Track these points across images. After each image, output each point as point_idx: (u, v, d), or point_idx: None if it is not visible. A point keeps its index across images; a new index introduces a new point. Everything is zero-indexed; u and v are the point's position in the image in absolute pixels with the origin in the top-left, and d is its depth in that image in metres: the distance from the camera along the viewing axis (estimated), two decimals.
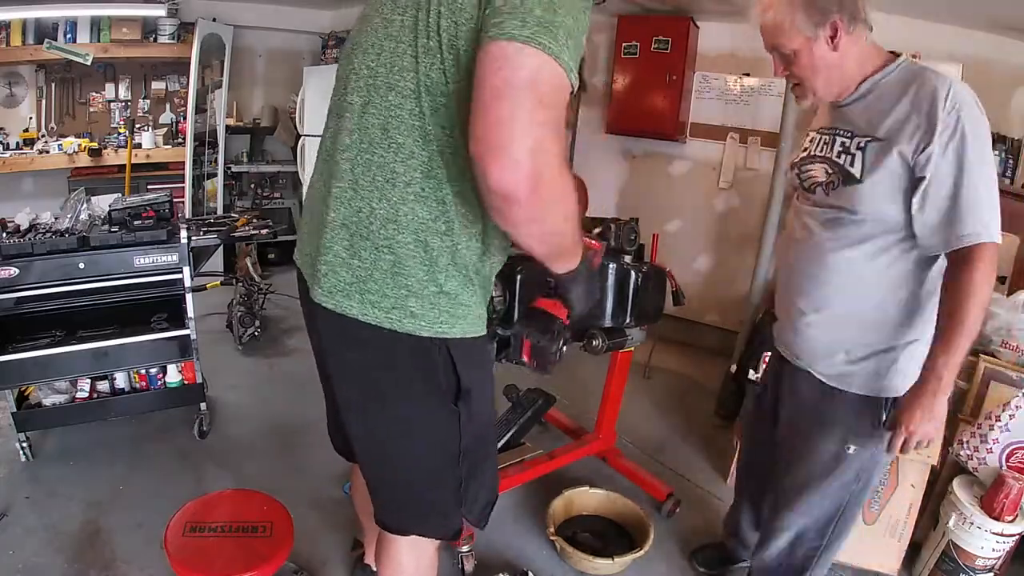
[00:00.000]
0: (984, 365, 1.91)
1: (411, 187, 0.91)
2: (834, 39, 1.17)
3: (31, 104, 4.19)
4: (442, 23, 0.84)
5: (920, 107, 1.13)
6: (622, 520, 2.00)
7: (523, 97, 0.74)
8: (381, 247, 0.93)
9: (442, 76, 0.86)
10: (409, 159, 0.90)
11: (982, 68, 2.77)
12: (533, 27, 0.75)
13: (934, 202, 1.12)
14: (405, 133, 0.90)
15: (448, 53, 0.85)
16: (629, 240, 1.71)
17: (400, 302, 0.94)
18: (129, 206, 2.19)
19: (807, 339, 1.36)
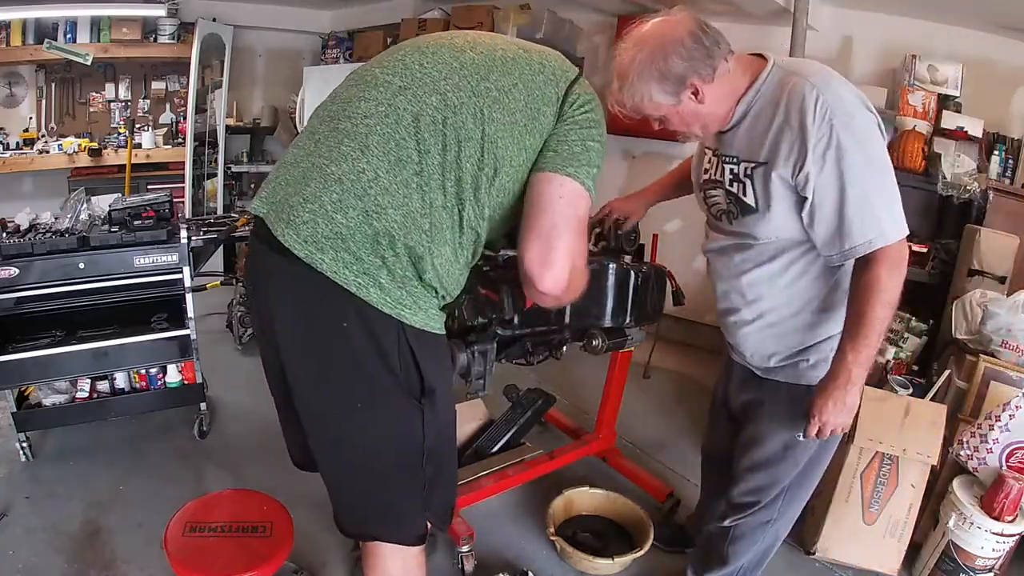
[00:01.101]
0: (984, 365, 1.91)
1: (420, 176, 0.97)
2: (697, 95, 1.17)
3: (31, 104, 4.19)
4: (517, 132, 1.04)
5: (791, 122, 1.12)
6: (622, 520, 2.00)
7: (572, 228, 1.02)
8: (371, 212, 0.95)
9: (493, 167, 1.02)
10: (427, 156, 0.98)
11: (982, 68, 2.78)
12: (580, 166, 1.04)
13: (821, 218, 1.14)
14: (436, 135, 0.98)
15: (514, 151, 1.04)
16: (629, 240, 1.71)
17: (372, 270, 0.96)
18: (129, 206, 2.19)
19: (741, 341, 1.42)
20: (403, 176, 0.97)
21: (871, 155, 1.11)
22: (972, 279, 2.32)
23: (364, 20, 4.62)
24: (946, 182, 2.44)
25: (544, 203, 1.01)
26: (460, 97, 1.00)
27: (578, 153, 1.03)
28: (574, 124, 1.06)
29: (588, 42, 3.93)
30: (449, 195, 0.99)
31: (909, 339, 2.43)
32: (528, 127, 1.03)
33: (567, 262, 1.00)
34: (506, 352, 1.61)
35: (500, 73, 1.04)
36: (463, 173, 0.99)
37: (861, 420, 1.83)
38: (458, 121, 0.99)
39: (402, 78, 1.02)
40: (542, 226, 1.00)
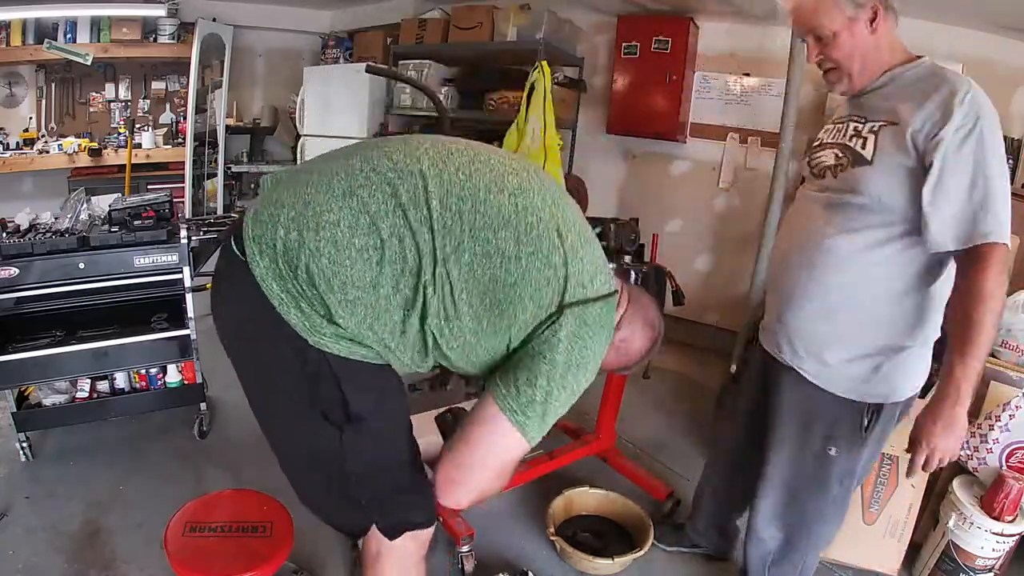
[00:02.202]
0: (984, 365, 1.91)
1: (378, 255, 0.91)
2: (874, 22, 1.17)
3: (31, 104, 4.20)
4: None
5: (936, 99, 1.11)
6: (622, 520, 2.00)
7: (493, 472, 1.01)
8: (310, 249, 0.91)
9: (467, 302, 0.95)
10: (394, 251, 0.91)
11: (982, 68, 2.77)
12: (532, 415, 0.96)
13: (948, 197, 1.09)
14: (412, 245, 0.92)
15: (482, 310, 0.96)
16: (629, 240, 1.71)
17: (294, 294, 0.93)
18: (129, 206, 2.19)
19: (794, 331, 1.31)
20: (361, 242, 0.90)
21: (1002, 161, 1.11)
22: None
23: (364, 20, 4.63)
24: None
25: (479, 439, 0.99)
26: (457, 236, 0.91)
27: (538, 402, 0.95)
28: (549, 360, 0.94)
29: (588, 42, 3.93)
30: (397, 299, 0.92)
31: None
32: (503, 312, 0.94)
33: (474, 497, 1.02)
34: None
35: (509, 235, 0.93)
36: (418, 296, 0.92)
37: None
38: (441, 256, 0.91)
39: (431, 169, 0.94)
40: (466, 459, 1.00)
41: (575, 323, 0.94)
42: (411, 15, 4.15)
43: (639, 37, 3.49)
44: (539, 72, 3.15)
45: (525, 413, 0.95)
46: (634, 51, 3.53)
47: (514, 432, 0.96)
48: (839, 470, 1.33)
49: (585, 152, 3.98)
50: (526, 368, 0.95)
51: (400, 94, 4.21)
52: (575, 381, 0.97)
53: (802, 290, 1.27)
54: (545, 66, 3.17)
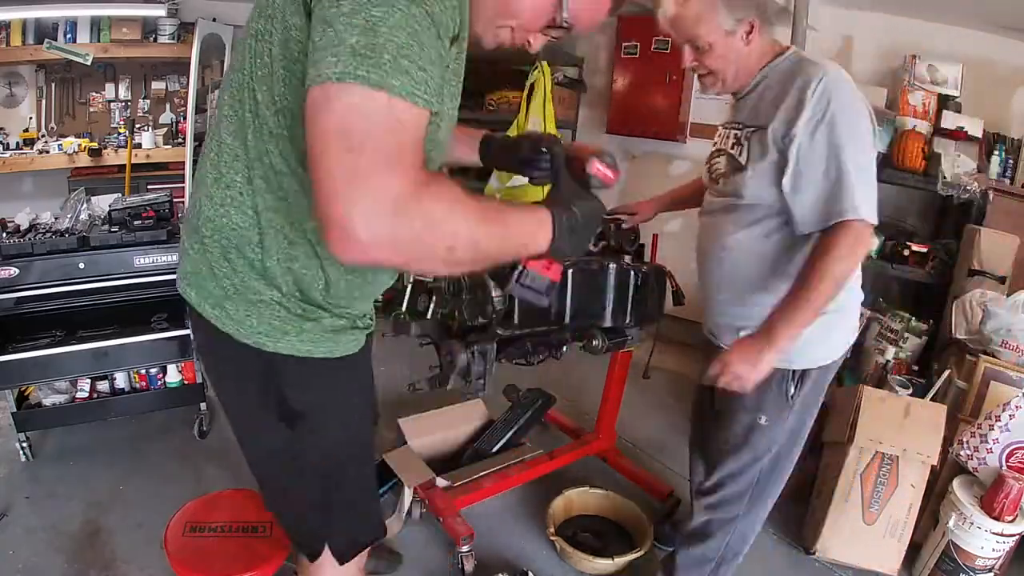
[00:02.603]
0: (984, 365, 1.91)
1: (231, 190, 0.84)
2: (749, 35, 1.26)
3: (31, 104, 4.19)
4: (275, 39, 0.75)
5: (793, 94, 1.20)
6: (622, 520, 2.00)
7: (339, 151, 0.62)
8: (205, 242, 0.87)
9: (270, 93, 0.77)
10: (234, 161, 0.83)
11: (982, 68, 2.77)
12: (347, 60, 0.62)
13: (804, 184, 1.20)
14: (233, 134, 0.83)
15: (278, 67, 0.76)
16: (629, 240, 1.71)
17: (220, 301, 0.88)
18: (129, 206, 2.19)
19: (716, 317, 1.47)
20: (219, 195, 0.84)
21: (859, 142, 1.18)
22: (972, 279, 2.32)
23: None
24: (946, 182, 2.44)
25: (314, 137, 0.64)
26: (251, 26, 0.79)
27: (331, 39, 0.63)
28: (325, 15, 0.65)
29: (588, 42, 3.93)
30: (268, 197, 0.81)
31: (909, 339, 2.43)
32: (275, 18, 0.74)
33: (356, 205, 0.62)
34: (506, 352, 1.60)
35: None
36: (259, 110, 0.78)
37: (861, 420, 1.83)
38: (250, 50, 0.78)
39: (225, 94, 0.86)
40: (311, 162, 0.65)
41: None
42: None
43: (639, 37, 3.49)
44: (539, 72, 3.15)
45: (342, 63, 0.62)
46: (634, 51, 3.53)
47: (343, 90, 0.62)
48: (768, 438, 1.41)
49: None
50: (316, 36, 0.66)
51: None
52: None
53: (716, 282, 1.43)
54: (545, 66, 3.17)
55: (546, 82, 3.15)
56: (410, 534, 1.90)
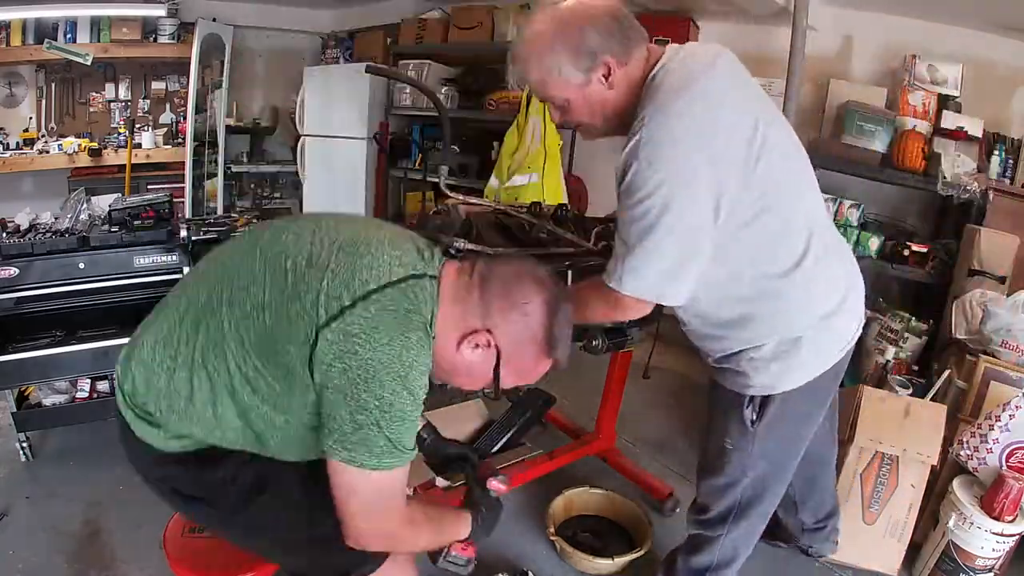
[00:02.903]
0: (984, 365, 1.91)
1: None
2: (608, 78, 1.11)
3: (31, 104, 4.20)
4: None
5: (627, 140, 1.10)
6: (622, 520, 2.00)
7: (350, 505, 0.92)
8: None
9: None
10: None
11: (982, 68, 2.77)
12: (356, 447, 0.88)
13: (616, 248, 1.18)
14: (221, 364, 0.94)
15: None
16: None
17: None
18: (129, 206, 2.19)
19: (693, 338, 1.41)
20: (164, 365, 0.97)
21: (653, 218, 1.07)
22: (972, 279, 2.32)
23: (364, 20, 4.63)
24: (946, 182, 2.44)
25: (342, 501, 0.92)
26: (216, 311, 0.95)
27: (349, 433, 0.87)
28: (335, 389, 0.87)
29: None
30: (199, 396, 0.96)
31: (909, 339, 2.43)
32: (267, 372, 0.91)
33: (386, 545, 1.01)
34: None
35: (258, 288, 0.92)
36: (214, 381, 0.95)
37: (861, 420, 1.83)
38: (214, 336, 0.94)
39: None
40: (349, 519, 0.94)
41: (339, 338, 0.85)
42: (411, 15, 4.15)
43: None
44: None
45: (349, 450, 0.88)
46: None
47: (355, 472, 0.89)
48: (739, 463, 1.36)
49: (585, 152, 3.97)
50: (327, 414, 0.89)
51: (400, 94, 4.21)
52: (375, 398, 0.86)
53: (681, 313, 1.33)
54: None
55: None
56: None
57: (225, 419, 0.95)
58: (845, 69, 3.05)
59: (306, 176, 4.64)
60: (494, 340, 0.96)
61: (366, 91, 4.13)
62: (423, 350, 0.90)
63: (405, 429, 0.90)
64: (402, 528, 0.99)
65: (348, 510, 0.92)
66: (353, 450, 0.88)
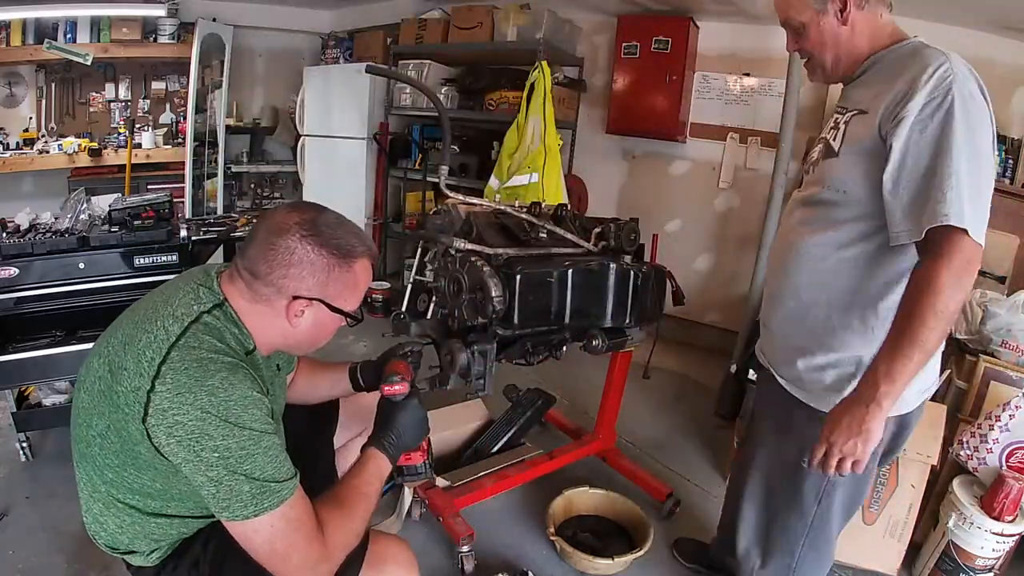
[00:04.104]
0: (984, 365, 1.91)
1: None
2: (844, 12, 1.13)
3: (31, 104, 4.20)
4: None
5: (906, 76, 1.03)
6: (621, 520, 2.00)
7: (275, 553, 0.90)
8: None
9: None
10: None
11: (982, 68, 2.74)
12: (233, 499, 0.87)
13: (908, 178, 1.00)
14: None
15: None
16: (629, 240, 1.71)
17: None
18: (129, 206, 2.19)
19: (774, 335, 1.29)
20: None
21: (978, 142, 0.99)
22: None
23: (364, 20, 4.63)
24: None
25: (258, 551, 0.90)
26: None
27: (216, 495, 0.87)
28: (184, 461, 0.87)
29: (588, 42, 3.93)
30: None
31: None
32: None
33: (327, 560, 0.93)
34: (506, 352, 1.60)
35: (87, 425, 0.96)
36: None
37: None
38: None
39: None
40: (269, 568, 0.92)
41: (159, 420, 0.86)
42: (411, 15, 4.15)
43: (639, 37, 3.49)
44: (539, 72, 3.15)
45: (225, 508, 0.87)
46: (634, 51, 3.53)
47: (244, 525, 0.88)
48: (812, 485, 1.24)
49: (585, 152, 3.98)
50: (195, 487, 0.90)
51: (400, 94, 4.21)
52: (212, 451, 0.86)
53: (779, 291, 1.25)
54: (545, 66, 3.17)
55: (546, 82, 3.15)
56: (410, 534, 1.89)
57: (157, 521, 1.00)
58: None
59: (306, 176, 4.64)
60: (304, 297, 0.97)
61: (366, 91, 4.13)
62: (236, 382, 0.88)
63: (260, 463, 0.88)
64: (332, 536, 0.94)
65: (267, 561, 0.90)
66: (229, 507, 0.87)
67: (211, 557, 1.03)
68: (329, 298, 0.99)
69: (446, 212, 1.66)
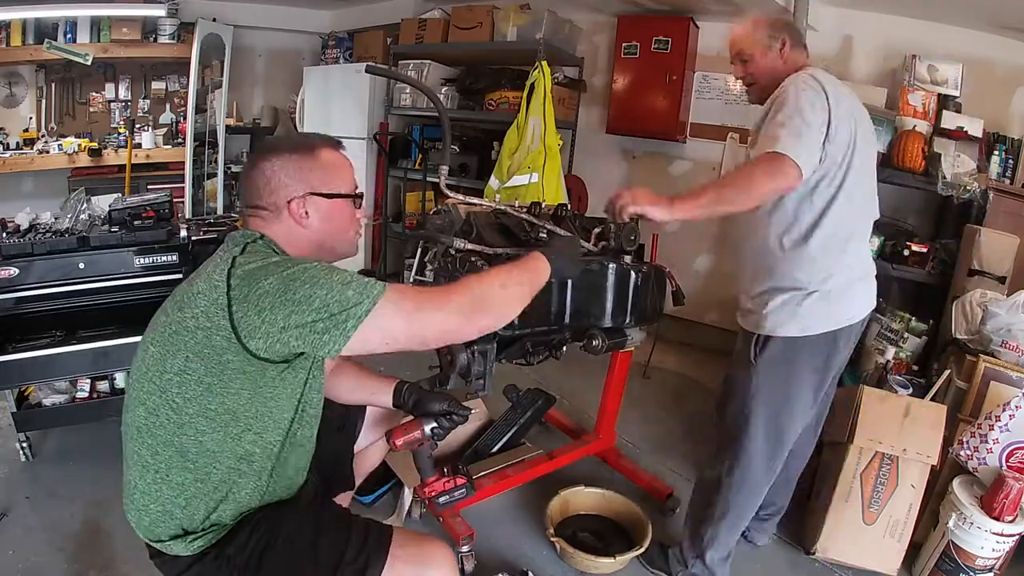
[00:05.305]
0: (984, 365, 1.91)
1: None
2: (782, 50, 1.56)
3: (31, 104, 4.20)
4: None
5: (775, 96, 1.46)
6: (619, 518, 2.00)
7: (411, 325, 0.96)
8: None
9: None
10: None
11: (982, 68, 2.78)
12: (340, 321, 0.92)
13: (761, 141, 1.42)
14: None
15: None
16: (629, 240, 1.70)
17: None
18: (129, 206, 2.19)
19: (740, 292, 1.68)
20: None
21: (800, 106, 1.37)
22: (972, 279, 2.32)
23: (364, 20, 4.63)
24: (946, 182, 2.44)
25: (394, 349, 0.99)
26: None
27: (332, 314, 0.92)
28: (282, 316, 0.92)
29: (588, 42, 3.93)
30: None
31: (909, 339, 2.43)
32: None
33: (467, 314, 0.99)
34: (506, 352, 1.60)
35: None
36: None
37: (861, 420, 1.83)
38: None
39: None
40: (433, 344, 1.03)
41: (244, 307, 0.93)
42: (411, 15, 4.15)
43: (639, 37, 3.49)
44: (539, 72, 3.15)
45: (346, 316, 0.92)
46: (634, 51, 3.53)
47: (374, 318, 0.93)
48: (739, 392, 1.60)
49: (585, 152, 3.98)
50: (305, 332, 0.93)
51: (400, 94, 4.21)
52: (304, 283, 0.93)
53: (736, 257, 1.71)
54: (545, 66, 3.17)
55: (546, 82, 3.16)
56: None
57: (218, 464, 1.02)
58: (845, 69, 3.06)
59: None
60: (295, 197, 1.07)
61: (366, 91, 4.13)
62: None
63: (345, 275, 0.95)
64: (464, 287, 1.02)
65: (424, 331, 0.96)
66: (346, 318, 0.91)
67: (252, 547, 1.03)
68: (315, 187, 1.08)
69: (446, 212, 1.65)
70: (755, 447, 1.60)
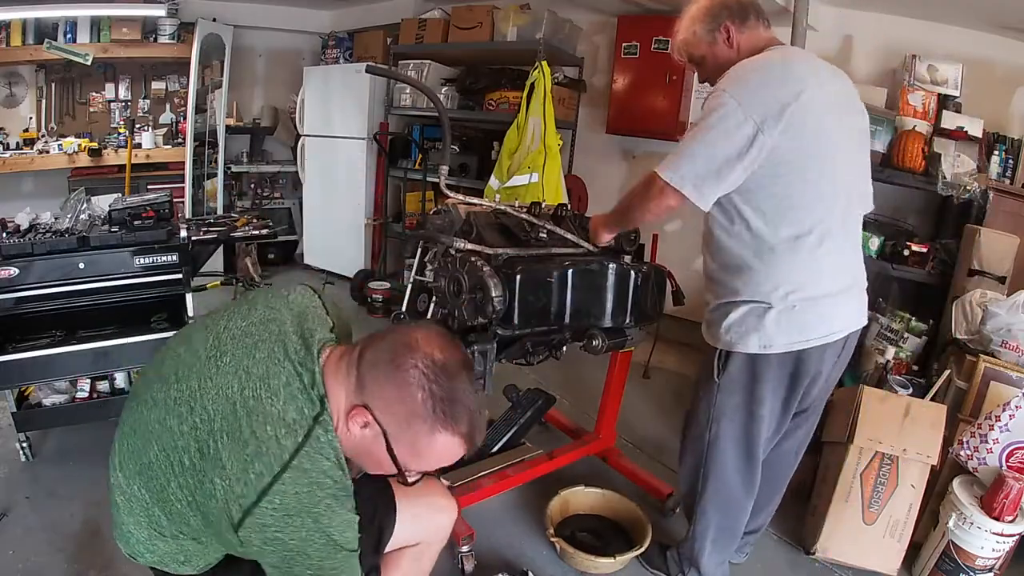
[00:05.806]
0: (984, 365, 1.91)
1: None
2: (729, 39, 1.42)
3: (31, 104, 4.20)
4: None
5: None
6: (618, 518, 2.00)
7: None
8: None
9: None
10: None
11: (982, 68, 2.78)
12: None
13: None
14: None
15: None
16: (629, 240, 1.71)
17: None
18: (129, 206, 2.19)
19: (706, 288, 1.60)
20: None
21: (707, 123, 1.28)
22: (972, 279, 2.32)
23: (364, 20, 4.63)
24: (946, 182, 2.44)
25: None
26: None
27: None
28: (270, 565, 0.89)
29: (588, 42, 3.93)
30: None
31: (909, 339, 2.43)
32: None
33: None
34: (506, 352, 1.60)
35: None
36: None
37: (861, 420, 1.83)
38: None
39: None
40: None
41: (257, 531, 0.83)
42: (411, 15, 4.15)
43: (639, 37, 3.49)
44: (539, 72, 3.15)
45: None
46: (634, 51, 3.53)
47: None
48: (703, 408, 1.53)
49: (585, 152, 3.98)
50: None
51: (400, 94, 4.21)
52: (307, 568, 0.86)
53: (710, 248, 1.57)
54: (545, 66, 3.17)
55: (546, 82, 3.16)
56: None
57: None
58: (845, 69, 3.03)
59: (306, 176, 4.64)
60: (374, 416, 0.87)
61: (366, 91, 4.13)
62: (337, 506, 0.86)
63: (343, 571, 0.90)
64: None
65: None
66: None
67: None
68: (393, 438, 0.88)
69: (446, 212, 1.66)
70: (726, 463, 1.54)
